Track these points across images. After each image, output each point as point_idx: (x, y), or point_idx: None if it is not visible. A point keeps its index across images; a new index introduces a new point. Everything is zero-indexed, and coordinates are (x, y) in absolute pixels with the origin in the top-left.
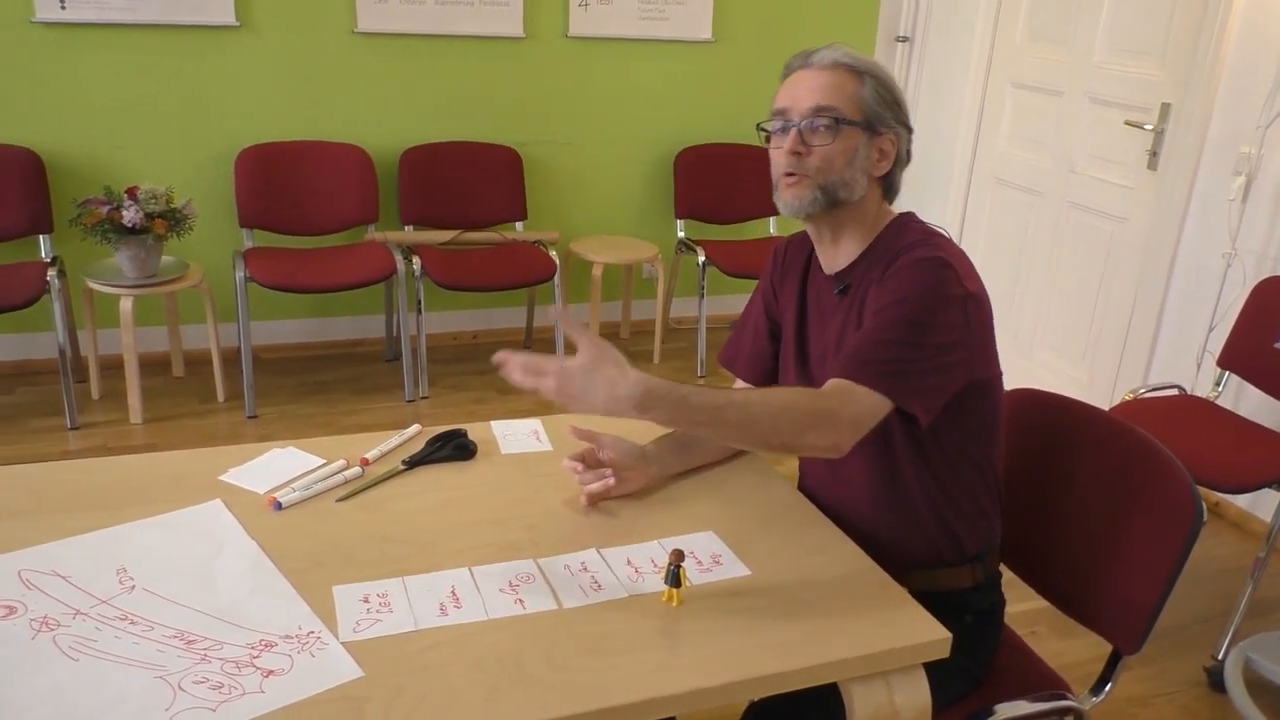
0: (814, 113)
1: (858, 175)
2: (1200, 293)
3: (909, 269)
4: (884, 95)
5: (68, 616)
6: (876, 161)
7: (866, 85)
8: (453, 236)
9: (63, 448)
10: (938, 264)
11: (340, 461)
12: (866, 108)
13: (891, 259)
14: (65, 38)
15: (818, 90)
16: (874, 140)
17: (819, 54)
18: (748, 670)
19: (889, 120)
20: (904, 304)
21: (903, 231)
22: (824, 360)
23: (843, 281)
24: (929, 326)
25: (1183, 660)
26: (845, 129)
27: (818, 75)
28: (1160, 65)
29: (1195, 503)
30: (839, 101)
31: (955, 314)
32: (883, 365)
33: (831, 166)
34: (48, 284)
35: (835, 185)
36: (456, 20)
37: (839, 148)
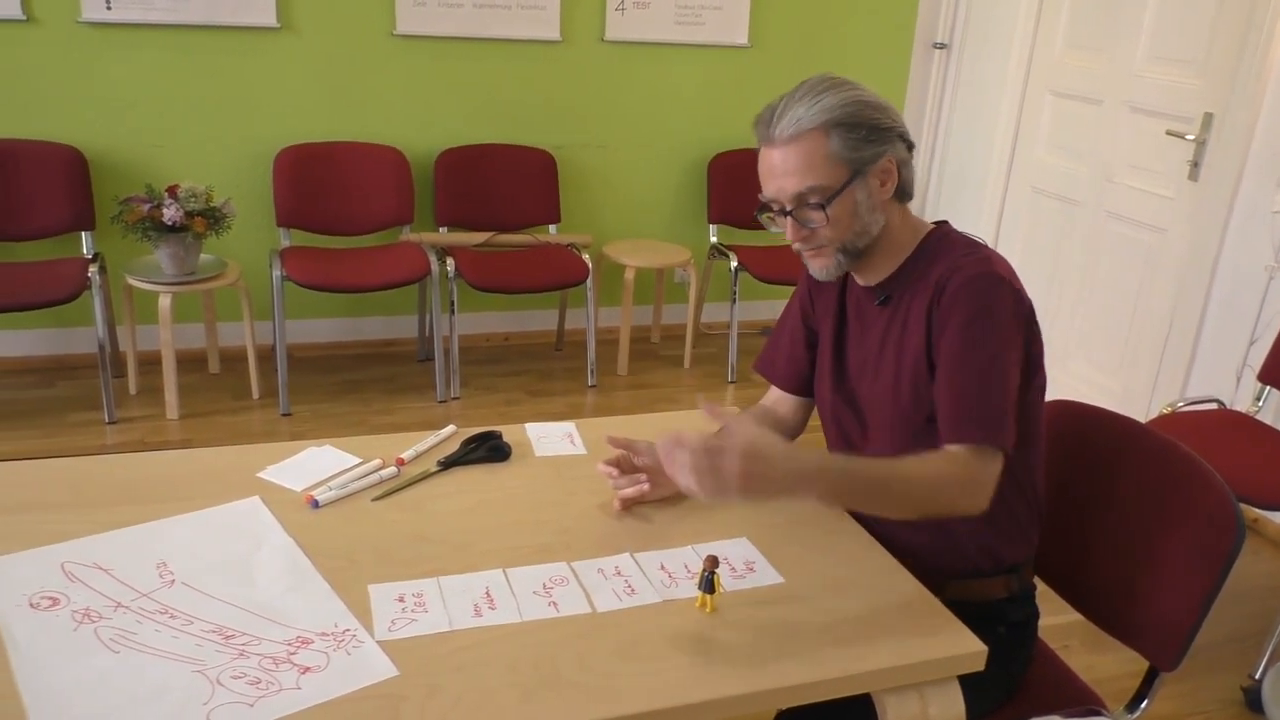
0: (799, 200)
1: (869, 217)
2: (1241, 305)
3: (967, 294)
4: (856, 132)
5: (109, 609)
6: (880, 188)
7: (834, 138)
8: (486, 238)
9: (100, 441)
10: (992, 280)
11: (376, 461)
12: (845, 160)
13: (939, 277)
14: (110, 37)
15: (792, 173)
16: (868, 178)
17: (777, 125)
18: (781, 679)
19: (874, 150)
20: (980, 343)
21: (945, 245)
22: (864, 369)
23: (884, 292)
24: (1005, 356)
25: (1218, 679)
26: (837, 198)
27: (785, 155)
28: (1203, 75)
29: (1237, 519)
30: (818, 177)
31: (1019, 330)
32: (993, 419)
33: (841, 231)
34: (89, 280)
35: (853, 240)
36: (494, 23)
37: (839, 213)
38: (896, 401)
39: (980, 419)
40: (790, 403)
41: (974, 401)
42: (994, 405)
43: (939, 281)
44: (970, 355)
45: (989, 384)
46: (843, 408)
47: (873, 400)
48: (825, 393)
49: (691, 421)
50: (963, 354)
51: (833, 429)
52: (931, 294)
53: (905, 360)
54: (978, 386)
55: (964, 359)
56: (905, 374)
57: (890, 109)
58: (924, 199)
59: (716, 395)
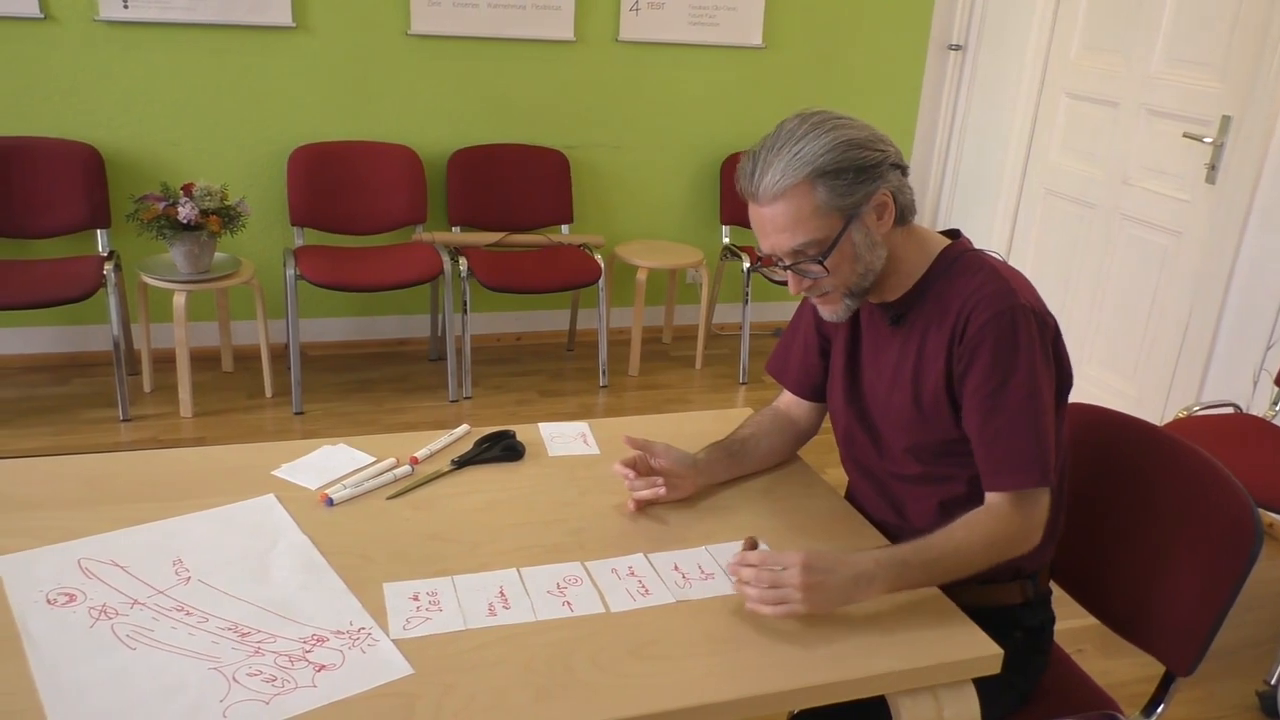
0: (795, 256)
1: (870, 255)
2: (1257, 309)
3: (993, 332)
4: (843, 178)
5: (126, 606)
6: (879, 223)
7: (820, 189)
8: (499, 238)
9: (115, 439)
10: (1016, 313)
11: (390, 459)
12: (836, 209)
13: (960, 308)
14: (127, 36)
15: (783, 230)
16: (864, 219)
17: (760, 183)
18: (795, 680)
19: (864, 190)
20: (1013, 384)
21: (960, 267)
22: (878, 387)
23: (896, 310)
24: (1040, 391)
25: (1234, 684)
26: (833, 249)
27: (774, 213)
28: (1221, 77)
29: (1255, 524)
30: (810, 232)
31: (1049, 359)
32: (1034, 460)
33: (845, 277)
34: (104, 278)
35: (859, 282)
36: (508, 23)
37: (838, 262)
38: (912, 424)
39: (1021, 465)
40: (804, 407)
41: (1012, 446)
42: (1033, 445)
43: (960, 313)
44: (1004, 398)
45: (1026, 425)
46: (855, 422)
47: (887, 418)
48: (839, 404)
49: (702, 424)
50: (996, 397)
51: (846, 441)
52: (953, 326)
53: (925, 386)
54: (1015, 429)
55: (998, 402)
56: (925, 398)
57: (876, 139)
58: (938, 202)
59: (727, 396)
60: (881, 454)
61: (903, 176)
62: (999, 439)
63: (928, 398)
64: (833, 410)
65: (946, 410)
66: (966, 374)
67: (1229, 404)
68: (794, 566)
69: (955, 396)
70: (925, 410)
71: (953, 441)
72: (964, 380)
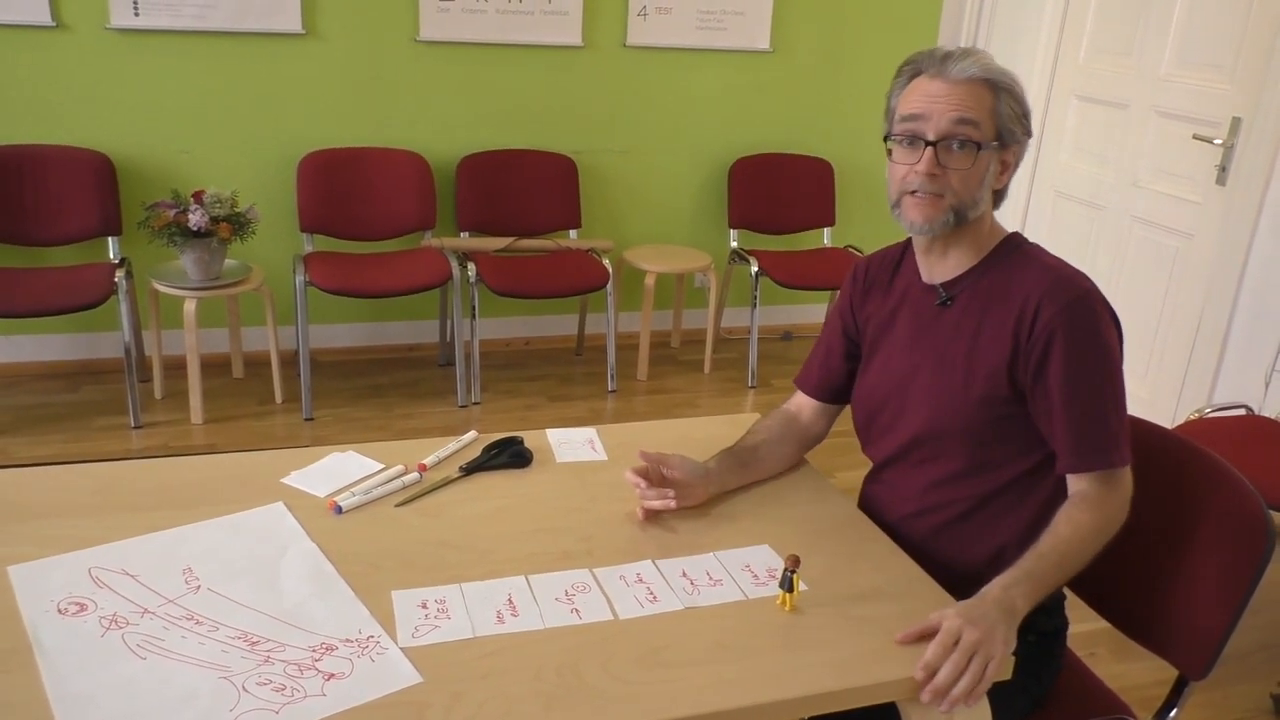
0: (954, 133)
1: (984, 192)
2: (1269, 311)
3: (1070, 320)
4: (1015, 108)
5: (136, 615)
6: (999, 175)
7: (1002, 101)
8: (508, 243)
9: (126, 446)
10: (1093, 302)
11: (399, 467)
12: (1001, 124)
13: (1027, 295)
14: (138, 44)
15: (957, 106)
16: (1002, 155)
17: (955, 65)
18: (806, 687)
19: (1018, 133)
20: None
21: (1020, 257)
22: (921, 368)
23: (947, 292)
24: (1117, 376)
25: (1247, 687)
26: (983, 151)
27: (954, 89)
28: (1231, 79)
29: (1267, 526)
30: (980, 117)
31: (1120, 347)
32: (1114, 440)
33: (967, 188)
34: (115, 285)
35: (966, 206)
36: (517, 29)
37: (976, 169)
38: (963, 406)
39: (1109, 445)
40: (813, 409)
41: (1101, 428)
42: (1118, 425)
43: (1028, 301)
44: (1085, 383)
45: (1107, 408)
46: (890, 404)
47: (929, 399)
48: (871, 388)
49: (711, 428)
50: (1077, 382)
51: (875, 427)
52: (1019, 313)
53: (978, 368)
54: (1097, 413)
55: (1079, 387)
56: (977, 381)
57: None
58: None
59: (736, 400)
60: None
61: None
62: (1086, 421)
63: (981, 377)
64: (864, 396)
65: (1004, 392)
66: (1046, 361)
67: (1241, 405)
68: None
69: (1017, 382)
70: (979, 390)
71: (991, 423)
72: (1043, 367)
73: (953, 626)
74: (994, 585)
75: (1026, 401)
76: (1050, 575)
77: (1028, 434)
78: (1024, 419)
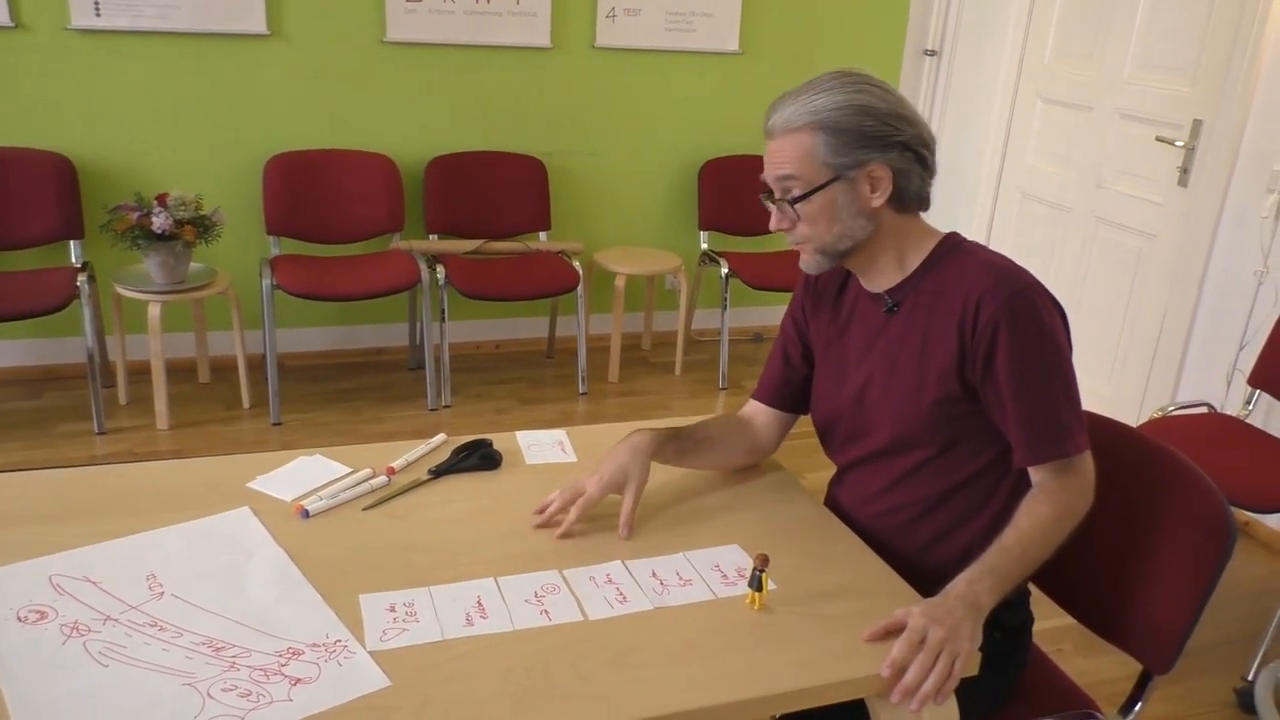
0: (779, 188)
1: (852, 222)
2: (1231, 310)
3: (1011, 313)
4: (839, 138)
5: (98, 622)
6: (870, 194)
7: (817, 140)
8: (477, 246)
9: (90, 452)
10: (1032, 293)
11: (367, 470)
12: (827, 161)
13: (968, 293)
14: (99, 45)
15: (776, 162)
16: (855, 183)
17: (773, 116)
18: (774, 685)
19: (857, 156)
20: (1040, 360)
21: (959, 255)
22: (874, 377)
23: (892, 299)
24: (1066, 364)
25: (1212, 681)
26: (812, 195)
27: (777, 146)
28: (1192, 82)
29: (1228, 522)
30: (795, 169)
31: (1066, 335)
32: (1067, 430)
33: (817, 231)
34: (78, 289)
35: (831, 243)
36: (485, 30)
37: (813, 212)
38: (919, 410)
39: (1057, 437)
40: (767, 415)
41: (1046, 420)
42: (1065, 417)
43: (968, 299)
44: (1032, 375)
45: (1056, 398)
46: (847, 414)
47: (885, 407)
48: (828, 399)
49: None
50: (1024, 375)
51: (836, 436)
52: (961, 312)
53: (928, 371)
54: (1047, 403)
55: (1027, 380)
56: (929, 384)
57: (896, 117)
58: None
59: (707, 402)
60: (873, 440)
61: (916, 162)
62: (1036, 413)
63: (932, 381)
64: (820, 404)
65: (956, 393)
66: (992, 356)
67: (1203, 404)
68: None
69: (967, 380)
70: (931, 395)
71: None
72: (989, 364)
73: (918, 624)
74: (958, 581)
75: (979, 398)
76: (1014, 568)
77: (985, 429)
78: (980, 415)
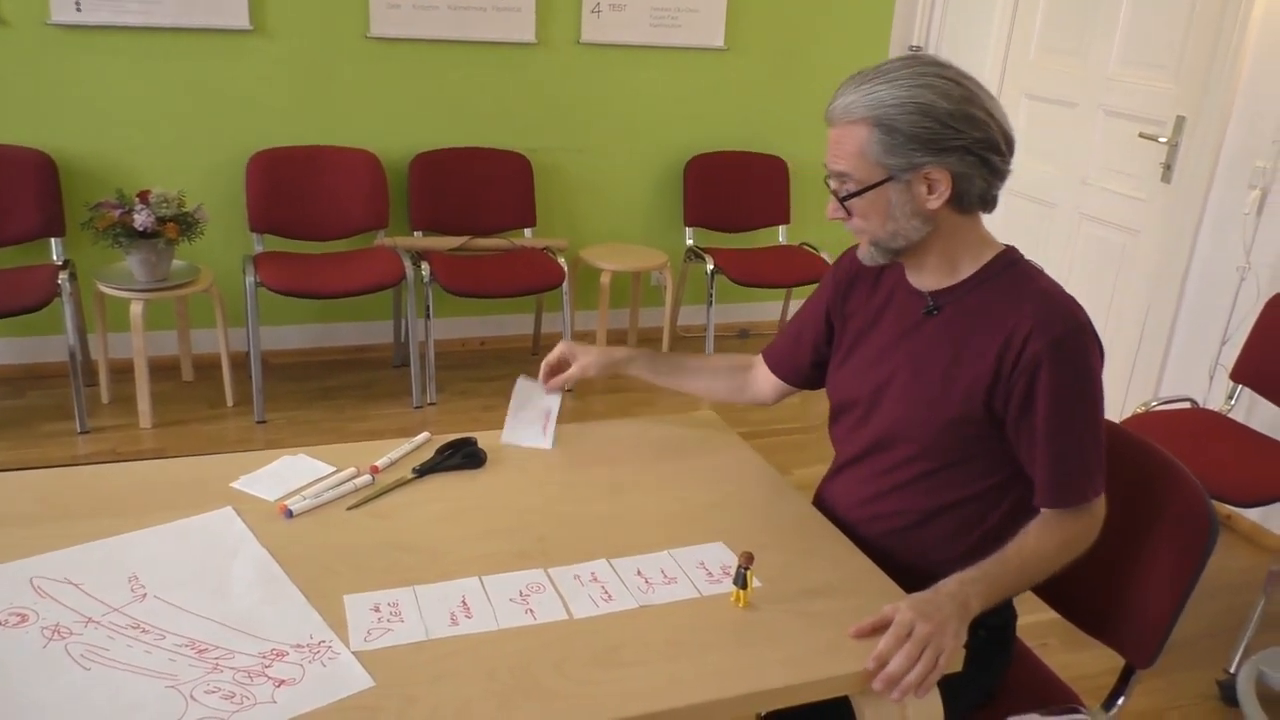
0: (834, 180)
1: (905, 222)
2: (1213, 306)
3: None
4: (894, 138)
5: (80, 625)
6: (927, 195)
7: (873, 136)
8: (462, 242)
9: (72, 452)
10: (1083, 338)
11: (351, 469)
12: (880, 161)
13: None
14: (80, 40)
15: (833, 155)
16: (910, 184)
17: (839, 100)
18: (759, 683)
19: (912, 159)
20: (1078, 408)
21: (1013, 277)
22: (899, 373)
23: (935, 301)
24: (1100, 413)
25: (1194, 674)
26: (866, 193)
27: (834, 135)
28: (1175, 79)
29: (1210, 517)
30: (849, 165)
31: (1101, 375)
32: (1090, 477)
33: (870, 225)
34: (59, 287)
35: (885, 239)
36: (469, 26)
37: (866, 209)
38: (933, 419)
39: (1081, 483)
40: (768, 377)
41: (1076, 465)
42: (1095, 463)
43: (1018, 326)
44: (1070, 421)
45: (1087, 445)
46: (862, 404)
47: (901, 409)
48: (846, 384)
49: (668, 427)
50: (1061, 419)
51: (845, 421)
52: (1007, 336)
53: (954, 385)
54: (1082, 449)
55: (1063, 424)
56: (951, 398)
57: (960, 117)
58: None
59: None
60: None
61: (980, 165)
62: (1067, 458)
63: (959, 394)
64: (838, 385)
65: (979, 410)
66: (1031, 394)
67: (1186, 399)
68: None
69: (994, 408)
70: (954, 405)
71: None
72: (1028, 401)
73: (906, 619)
74: (951, 580)
75: (999, 426)
76: (1008, 581)
77: (991, 455)
78: (990, 440)
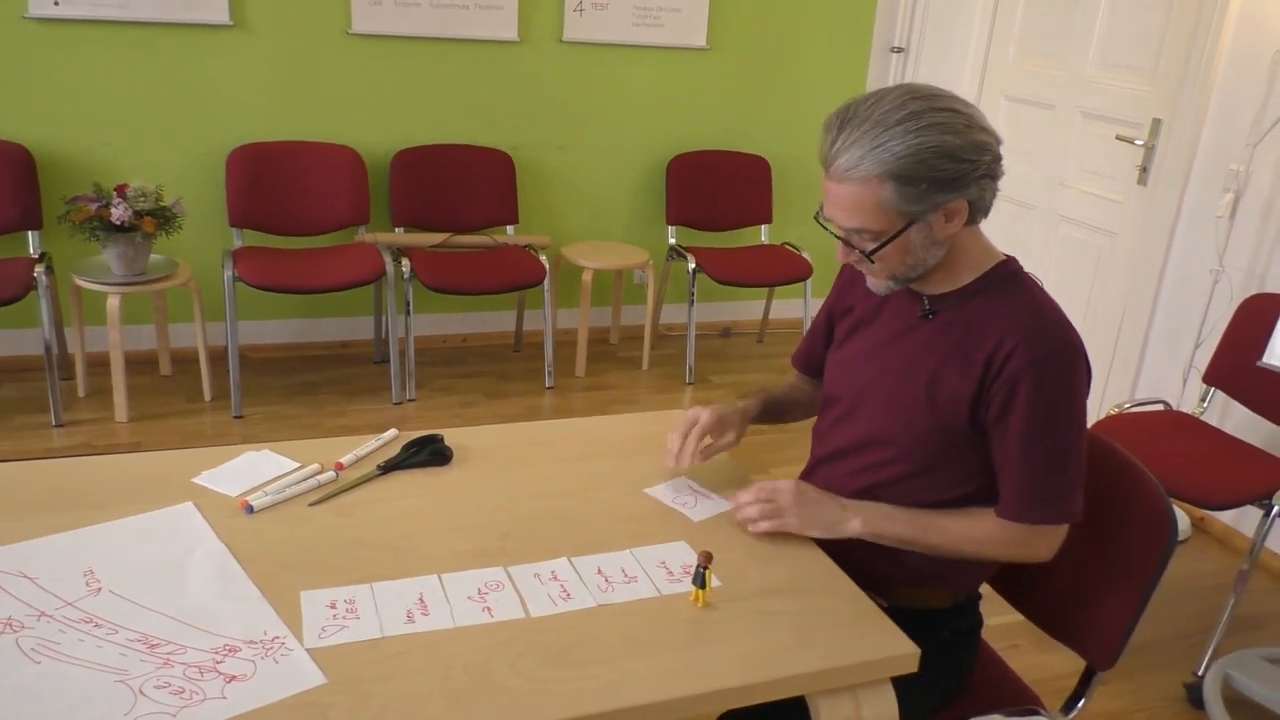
0: (851, 236)
1: (925, 252)
2: (1187, 309)
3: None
4: (916, 185)
5: (32, 618)
6: (945, 224)
7: (889, 189)
8: (443, 239)
9: (47, 445)
10: (1070, 356)
11: (314, 465)
12: (899, 211)
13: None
14: (58, 33)
15: (843, 210)
16: (928, 223)
17: (836, 159)
18: (715, 682)
19: (936, 199)
20: (1059, 426)
21: (1010, 289)
22: (887, 369)
23: (932, 306)
24: (1081, 432)
25: (1163, 676)
26: (889, 244)
27: (840, 191)
28: (1152, 81)
29: (1169, 518)
30: (868, 222)
31: (1086, 396)
32: (1064, 498)
33: (891, 266)
34: (35, 280)
35: (904, 273)
36: (451, 23)
37: (888, 254)
38: (914, 423)
39: (1050, 503)
40: (806, 383)
41: (1045, 485)
42: (1069, 485)
43: (1005, 339)
44: (1045, 437)
45: (1064, 464)
46: (848, 398)
47: (886, 409)
48: (838, 375)
49: (648, 425)
50: (1036, 436)
51: (831, 413)
52: (994, 347)
53: (940, 392)
54: (1050, 469)
55: (1036, 441)
56: (936, 404)
57: (971, 148)
58: None
59: (674, 397)
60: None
61: (992, 181)
62: (1036, 476)
63: (939, 405)
64: (830, 371)
65: (964, 418)
66: (1009, 408)
67: (1160, 401)
68: (787, 491)
69: (977, 418)
70: (929, 414)
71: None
72: (1005, 413)
73: (782, 486)
74: (856, 501)
75: (983, 435)
76: (906, 536)
77: (968, 465)
78: (969, 449)
